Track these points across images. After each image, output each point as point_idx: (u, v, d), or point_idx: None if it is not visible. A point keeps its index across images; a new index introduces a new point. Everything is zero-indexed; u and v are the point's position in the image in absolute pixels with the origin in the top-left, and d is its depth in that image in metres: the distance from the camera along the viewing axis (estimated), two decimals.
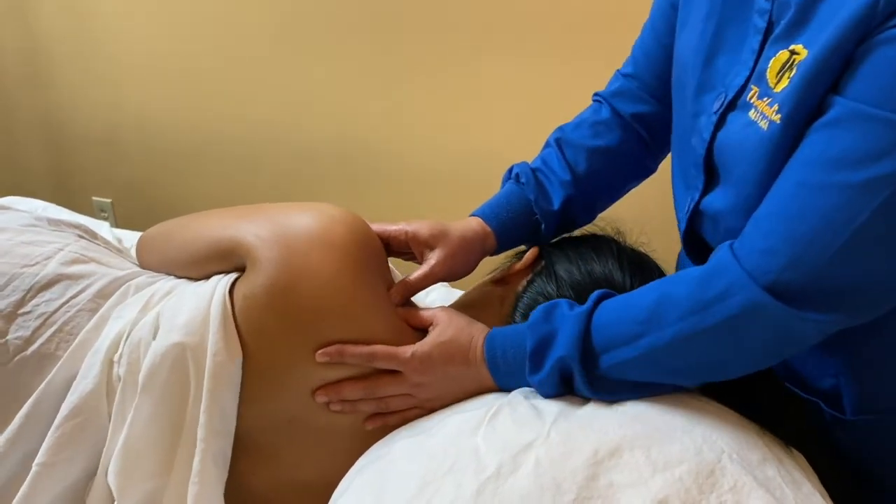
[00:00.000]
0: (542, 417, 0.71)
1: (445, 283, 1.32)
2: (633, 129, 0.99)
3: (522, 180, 0.97)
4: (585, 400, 0.76)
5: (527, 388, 0.78)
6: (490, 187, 1.07)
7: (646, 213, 1.00)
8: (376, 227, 0.89)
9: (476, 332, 0.81)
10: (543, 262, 0.91)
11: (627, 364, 0.72)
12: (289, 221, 0.80)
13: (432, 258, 0.88)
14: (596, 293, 0.77)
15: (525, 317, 0.85)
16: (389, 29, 1.70)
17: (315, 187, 1.95)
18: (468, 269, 0.92)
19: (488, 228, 0.93)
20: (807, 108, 0.64)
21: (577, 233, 0.99)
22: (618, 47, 1.04)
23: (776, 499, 0.64)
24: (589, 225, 1.01)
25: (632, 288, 0.85)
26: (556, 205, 0.95)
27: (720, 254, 0.69)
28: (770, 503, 0.64)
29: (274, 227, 0.80)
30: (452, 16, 1.63)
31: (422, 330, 0.83)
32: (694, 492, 0.63)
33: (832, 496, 0.71)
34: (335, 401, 0.80)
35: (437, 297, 1.25)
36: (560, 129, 1.01)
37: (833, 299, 0.64)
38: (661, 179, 1.07)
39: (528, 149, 1.10)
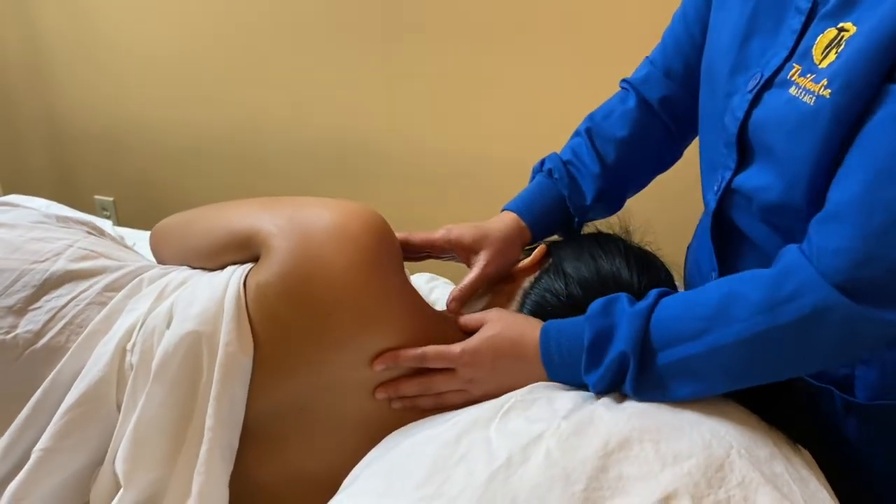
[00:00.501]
0: (554, 411, 0.71)
1: (448, 281, 1.32)
2: (659, 118, 1.01)
3: (556, 175, 0.99)
4: (599, 395, 0.76)
5: (542, 385, 0.78)
6: (491, 185, 1.08)
7: (652, 213, 1.00)
8: (420, 235, 0.93)
9: (527, 326, 0.81)
10: (551, 260, 0.91)
11: (687, 361, 0.71)
12: (308, 213, 0.81)
13: (481, 260, 0.91)
14: (655, 291, 0.77)
15: (533, 314, 0.86)
16: (390, 28, 1.71)
17: (316, 185, 1.96)
18: (512, 265, 0.94)
19: (523, 223, 0.96)
20: (859, 86, 0.63)
21: (584, 230, 1.00)
22: (620, 46, 1.06)
23: (783, 495, 0.65)
24: (597, 222, 1.02)
25: (639, 286, 0.85)
26: (589, 199, 0.98)
27: (789, 256, 0.68)
28: (777, 499, 0.64)
29: (292, 217, 0.81)
30: (454, 15, 1.63)
31: (468, 333, 0.84)
32: (702, 486, 0.63)
33: (837, 494, 0.71)
34: (395, 398, 0.81)
35: (440, 295, 1.25)
36: (590, 118, 1.03)
37: None
38: (667, 180, 1.08)
39: (530, 147, 1.11)
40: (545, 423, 0.68)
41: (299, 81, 1.86)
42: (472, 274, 0.90)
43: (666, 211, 1.21)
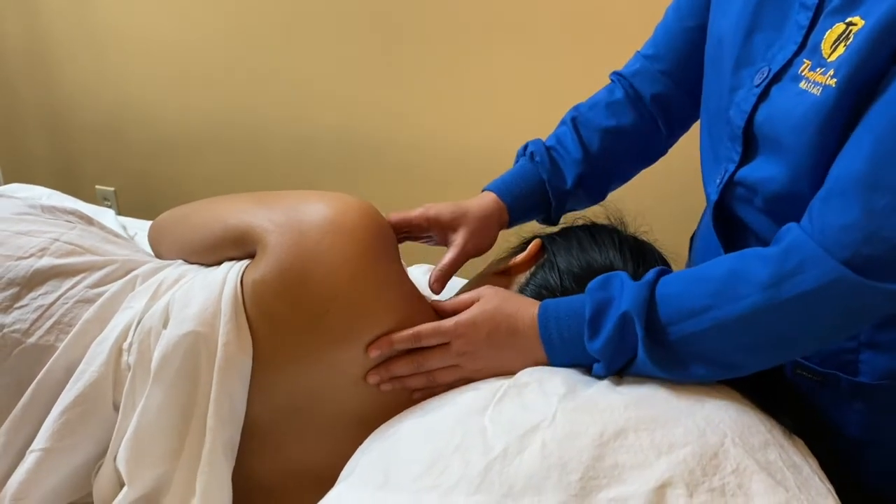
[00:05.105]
0: (548, 399, 0.71)
1: None
2: (647, 111, 1.01)
3: (537, 159, 1.00)
4: (592, 382, 0.75)
5: (533, 369, 0.77)
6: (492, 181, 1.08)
7: (652, 207, 1.01)
8: (397, 215, 0.92)
9: (524, 302, 0.80)
10: (546, 255, 0.91)
11: (694, 337, 0.71)
12: (303, 207, 0.81)
13: (458, 238, 0.92)
14: (655, 269, 0.76)
15: None
16: (394, 22, 1.71)
17: (318, 179, 1.96)
18: (491, 244, 0.96)
19: (503, 203, 0.96)
20: (864, 74, 0.65)
21: (579, 222, 1.00)
22: (624, 42, 1.06)
23: (777, 481, 0.66)
24: (592, 214, 1.01)
25: (634, 277, 0.86)
26: (569, 184, 0.99)
27: (791, 234, 0.69)
28: (771, 486, 0.65)
29: (288, 212, 0.81)
30: (457, 9, 1.63)
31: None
32: (697, 473, 0.64)
33: (832, 482, 0.72)
34: (386, 379, 0.80)
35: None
36: (576, 108, 1.04)
37: None
38: (664, 171, 1.08)
39: None
40: (540, 414, 0.69)
41: (302, 75, 1.86)
42: (451, 253, 0.91)
43: (665, 204, 1.21)
